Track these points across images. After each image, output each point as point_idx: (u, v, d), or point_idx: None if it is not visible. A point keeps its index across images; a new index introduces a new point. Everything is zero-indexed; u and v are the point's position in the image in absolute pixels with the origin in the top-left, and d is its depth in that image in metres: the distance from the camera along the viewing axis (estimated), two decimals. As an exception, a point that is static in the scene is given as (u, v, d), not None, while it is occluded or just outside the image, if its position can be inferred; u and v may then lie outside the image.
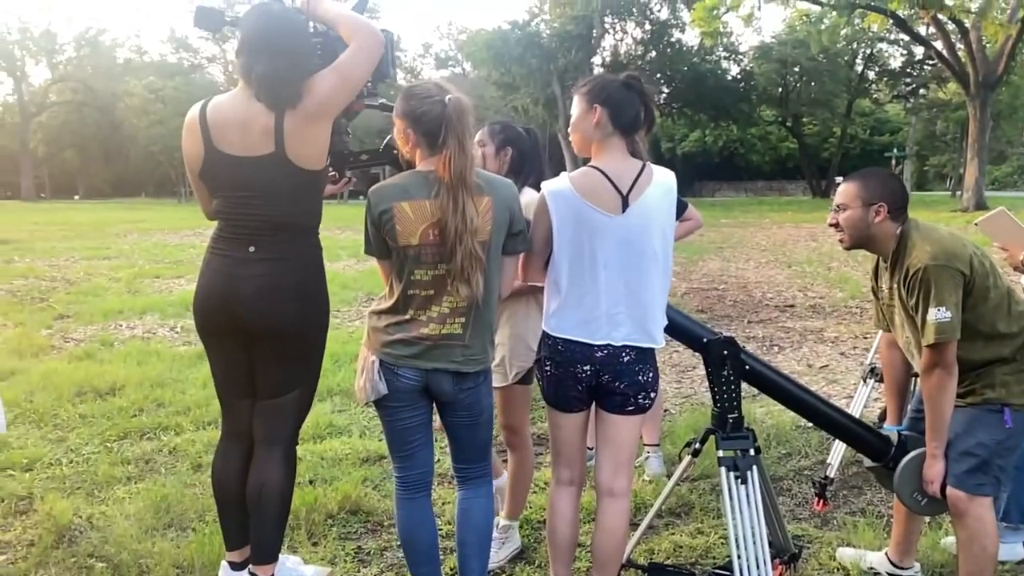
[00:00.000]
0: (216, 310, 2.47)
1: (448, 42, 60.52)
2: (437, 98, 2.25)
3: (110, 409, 4.82)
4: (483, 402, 2.44)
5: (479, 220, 2.24)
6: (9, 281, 10.44)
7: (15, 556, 3.01)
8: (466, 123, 2.25)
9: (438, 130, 2.23)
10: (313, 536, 3.14)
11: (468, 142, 2.24)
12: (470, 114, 2.27)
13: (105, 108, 54.90)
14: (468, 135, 2.25)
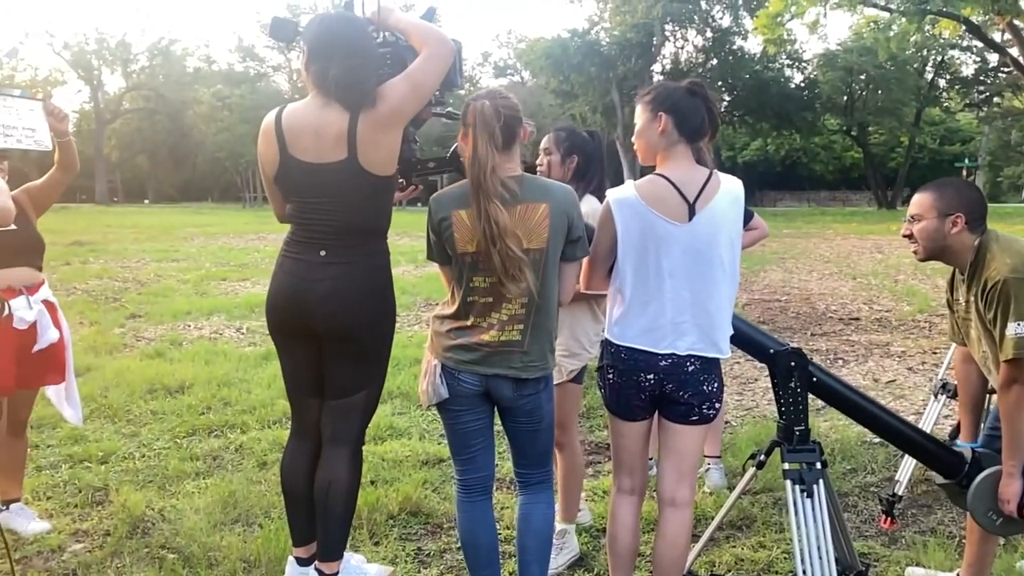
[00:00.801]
0: (287, 312, 2.54)
1: (507, 51, 60.82)
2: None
3: (179, 406, 4.99)
4: (544, 408, 2.45)
5: (533, 226, 2.26)
6: (85, 281, 10.88)
7: (92, 545, 3.14)
8: (486, 128, 2.27)
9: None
10: (375, 536, 3.20)
11: (485, 148, 2.25)
12: (493, 119, 2.28)
13: (175, 115, 56.81)
14: (487, 140, 2.26)
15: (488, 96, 2.33)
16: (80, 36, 57.92)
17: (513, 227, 2.24)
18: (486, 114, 2.28)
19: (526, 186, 2.31)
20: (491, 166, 2.25)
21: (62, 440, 4.31)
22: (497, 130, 2.27)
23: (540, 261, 2.29)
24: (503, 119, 2.29)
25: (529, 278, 2.26)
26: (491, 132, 2.26)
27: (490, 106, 2.29)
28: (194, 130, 55.18)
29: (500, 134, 2.27)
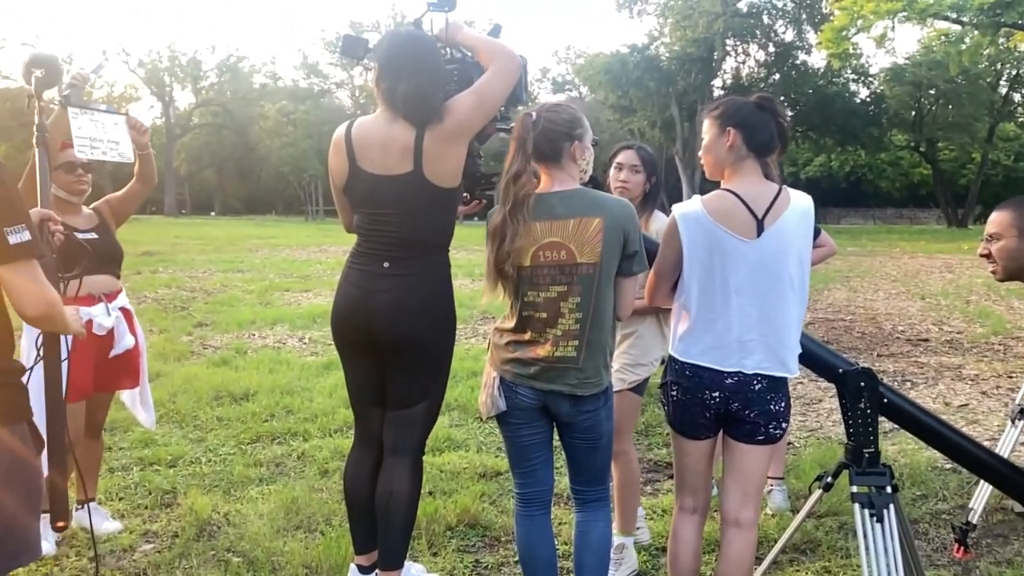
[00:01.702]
0: (351, 322, 2.59)
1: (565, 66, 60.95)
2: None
3: (244, 413, 5.11)
4: (603, 426, 2.44)
5: (587, 240, 2.26)
6: (155, 290, 11.25)
7: (161, 546, 3.23)
8: (517, 136, 2.33)
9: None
10: (433, 546, 3.21)
11: (512, 155, 2.32)
12: (527, 129, 2.32)
13: (241, 130, 58.50)
14: (516, 149, 2.31)
15: (540, 108, 2.35)
16: (154, 54, 60.08)
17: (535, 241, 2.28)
18: (521, 123, 2.33)
19: (579, 200, 2.32)
20: (512, 172, 2.28)
21: (133, 443, 4.46)
22: (529, 139, 2.29)
23: (594, 276, 2.29)
24: (540, 129, 2.31)
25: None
26: (522, 140, 2.30)
27: (530, 116, 2.32)
28: (260, 145, 56.66)
29: (533, 143, 2.29)
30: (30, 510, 1.88)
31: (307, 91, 62.49)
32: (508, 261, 2.30)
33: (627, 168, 3.05)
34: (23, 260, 1.69)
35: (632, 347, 2.97)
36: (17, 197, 1.75)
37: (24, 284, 1.70)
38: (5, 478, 1.79)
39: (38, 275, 1.72)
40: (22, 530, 1.86)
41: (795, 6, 38.34)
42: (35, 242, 1.73)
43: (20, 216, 1.71)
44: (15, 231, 1.68)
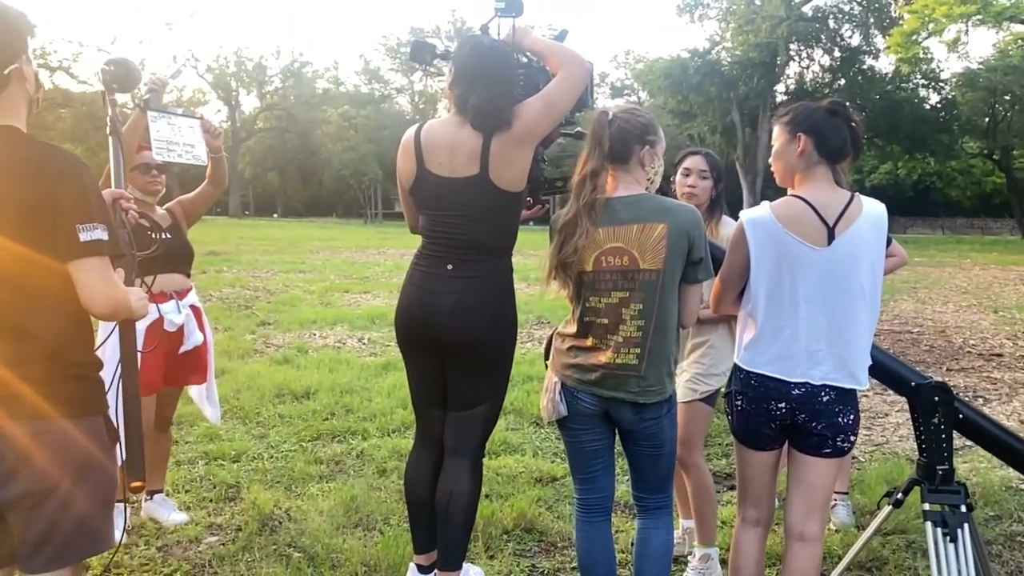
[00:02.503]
0: (415, 323, 2.61)
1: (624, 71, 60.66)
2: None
3: (305, 411, 5.21)
4: (665, 433, 2.41)
5: (650, 246, 2.24)
6: (220, 289, 11.56)
7: (225, 538, 3.31)
8: (593, 133, 2.32)
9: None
10: (490, 549, 3.22)
11: (587, 152, 2.31)
12: (603, 126, 2.30)
13: (304, 134, 59.79)
14: (592, 146, 2.31)
15: (617, 108, 2.35)
16: (221, 59, 61.95)
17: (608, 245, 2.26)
18: (597, 121, 2.32)
19: (644, 205, 2.30)
20: (587, 170, 2.27)
21: (199, 438, 4.58)
22: (604, 136, 2.28)
23: (657, 283, 2.26)
24: (616, 128, 2.29)
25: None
26: (597, 138, 2.29)
27: (606, 114, 2.32)
28: (321, 148, 57.85)
29: (608, 142, 2.28)
30: (103, 502, 1.94)
31: (368, 96, 63.56)
32: (572, 260, 2.29)
33: (695, 173, 3.01)
34: (93, 257, 1.74)
35: (704, 357, 2.93)
36: (95, 197, 1.80)
37: (92, 282, 1.75)
38: (80, 471, 1.86)
39: (107, 274, 1.77)
40: (96, 521, 1.92)
41: (862, 10, 37.43)
42: (110, 243, 1.79)
43: (96, 215, 1.76)
44: (87, 228, 1.73)
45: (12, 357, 1.80)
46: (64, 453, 1.83)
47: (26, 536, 1.87)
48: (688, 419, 2.92)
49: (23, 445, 1.80)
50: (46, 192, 1.73)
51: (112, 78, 2.24)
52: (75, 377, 1.87)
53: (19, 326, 1.80)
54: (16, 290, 1.79)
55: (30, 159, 1.77)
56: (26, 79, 1.86)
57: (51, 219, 1.73)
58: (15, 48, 1.82)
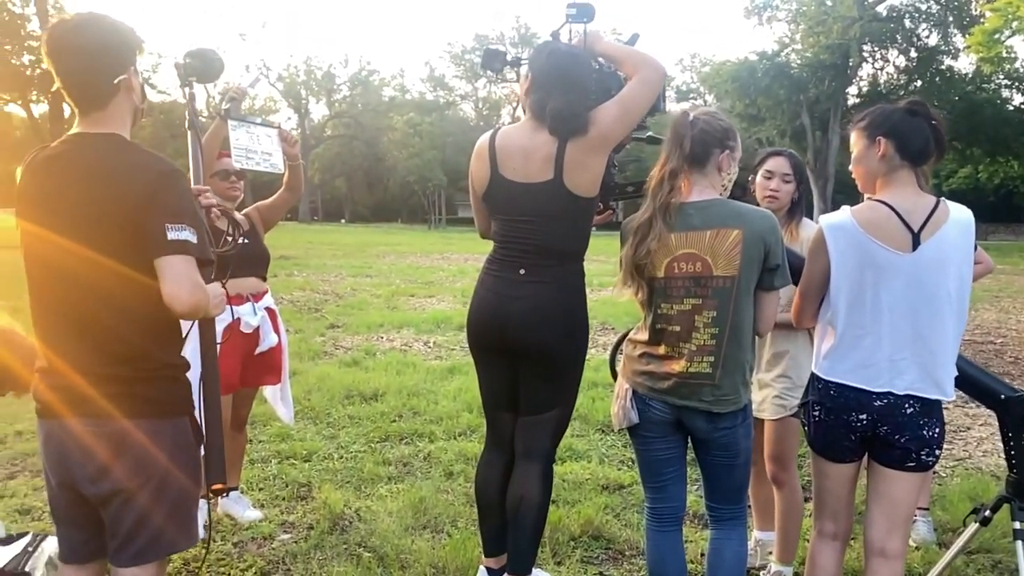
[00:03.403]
0: (485, 327, 2.63)
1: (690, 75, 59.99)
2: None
3: (373, 413, 5.29)
4: (740, 444, 2.36)
5: (724, 252, 2.20)
6: (290, 292, 11.85)
7: (297, 536, 3.39)
8: (675, 135, 2.28)
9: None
10: (557, 555, 3.21)
11: (667, 154, 2.28)
12: (685, 127, 2.27)
13: (371, 141, 60.95)
14: (672, 147, 2.28)
15: (696, 110, 2.32)
16: (292, 68, 63.66)
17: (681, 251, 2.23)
18: (678, 122, 2.29)
19: (718, 210, 2.26)
20: (667, 171, 2.25)
21: (272, 437, 4.70)
22: (686, 137, 2.25)
23: (731, 289, 2.22)
24: (698, 130, 2.26)
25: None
26: (678, 138, 2.26)
27: (687, 115, 2.29)
28: (387, 155, 58.84)
29: (690, 144, 2.25)
30: (189, 500, 2.01)
31: (433, 103, 64.44)
32: (645, 263, 2.27)
33: (778, 177, 2.90)
34: (178, 255, 1.79)
35: (789, 370, 2.84)
36: (188, 202, 1.87)
37: (175, 279, 1.79)
38: (166, 471, 1.92)
39: (191, 273, 1.82)
40: (182, 519, 1.98)
41: (940, 8, 36.09)
42: (198, 246, 1.84)
43: (186, 218, 1.83)
44: (176, 228, 1.80)
45: (102, 359, 1.87)
46: (152, 453, 1.90)
47: (116, 531, 1.94)
48: (779, 436, 2.86)
49: (113, 444, 1.88)
50: (144, 195, 1.80)
51: (190, 71, 2.29)
52: (163, 378, 1.94)
53: (108, 329, 1.88)
54: (105, 294, 1.86)
55: (132, 165, 1.85)
56: (133, 90, 1.94)
57: (144, 220, 1.79)
58: (125, 60, 1.90)
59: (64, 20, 1.89)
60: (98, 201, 1.83)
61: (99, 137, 1.90)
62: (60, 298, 1.90)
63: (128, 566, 1.96)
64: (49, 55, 1.87)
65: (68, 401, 1.90)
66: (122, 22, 1.96)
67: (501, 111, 65.53)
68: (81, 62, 1.86)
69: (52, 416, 1.94)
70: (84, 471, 1.91)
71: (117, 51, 1.89)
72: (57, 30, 1.87)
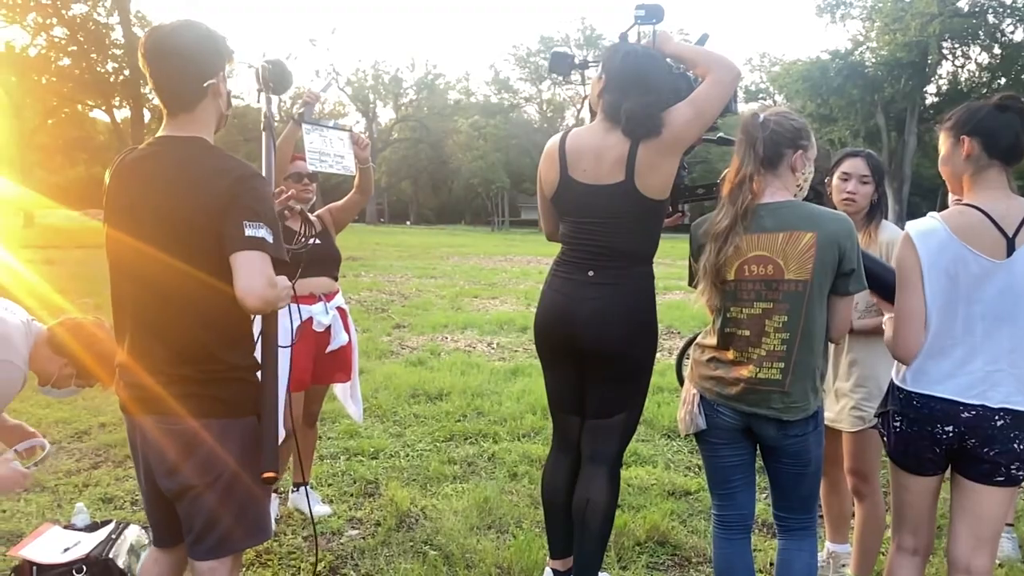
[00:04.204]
0: (553, 329, 2.62)
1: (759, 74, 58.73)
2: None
3: (438, 412, 5.35)
4: (811, 452, 2.30)
5: (797, 255, 2.14)
6: (358, 292, 12.06)
7: (365, 532, 3.44)
8: (746, 136, 2.24)
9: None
10: (622, 560, 3.19)
11: (741, 156, 2.24)
12: (756, 128, 2.23)
13: (436, 144, 61.59)
14: (745, 149, 2.24)
15: (767, 110, 2.28)
16: (360, 73, 64.81)
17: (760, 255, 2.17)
18: (749, 123, 2.25)
19: (791, 212, 2.21)
20: (743, 174, 2.20)
21: (340, 434, 4.79)
22: (758, 139, 2.20)
23: (803, 294, 2.16)
24: (769, 132, 2.21)
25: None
26: (750, 140, 2.22)
27: (760, 117, 2.24)
28: (452, 158, 59.38)
29: (762, 146, 2.21)
30: (259, 497, 2.05)
31: (497, 106, 64.73)
32: (723, 268, 2.23)
33: (855, 179, 2.81)
34: (254, 251, 1.84)
35: (866, 380, 2.74)
36: (265, 203, 1.91)
37: (249, 274, 1.83)
38: (236, 469, 1.97)
39: (265, 270, 1.85)
40: (253, 515, 2.04)
41: (1027, 2, 34.53)
42: (274, 245, 1.88)
43: (263, 217, 1.87)
44: (253, 226, 1.85)
45: (173, 359, 1.93)
46: (220, 452, 1.95)
47: (190, 525, 2.01)
48: (860, 449, 2.78)
49: (183, 443, 1.94)
50: (225, 198, 1.86)
51: (270, 76, 2.35)
52: (233, 380, 1.99)
53: (181, 331, 1.93)
54: (180, 297, 1.92)
55: (214, 170, 1.91)
56: (220, 95, 2.01)
57: (224, 221, 1.85)
58: (215, 65, 1.97)
59: (162, 25, 1.97)
60: (180, 205, 1.89)
61: (184, 140, 1.96)
62: (136, 299, 1.97)
63: (203, 559, 2.02)
64: (145, 57, 1.95)
65: (141, 399, 1.97)
66: (215, 30, 2.03)
67: (565, 113, 65.49)
68: (174, 65, 1.94)
69: (128, 412, 2.03)
70: (159, 466, 1.98)
71: (208, 56, 1.96)
72: (155, 34, 1.95)
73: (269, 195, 1.97)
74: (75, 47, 31.27)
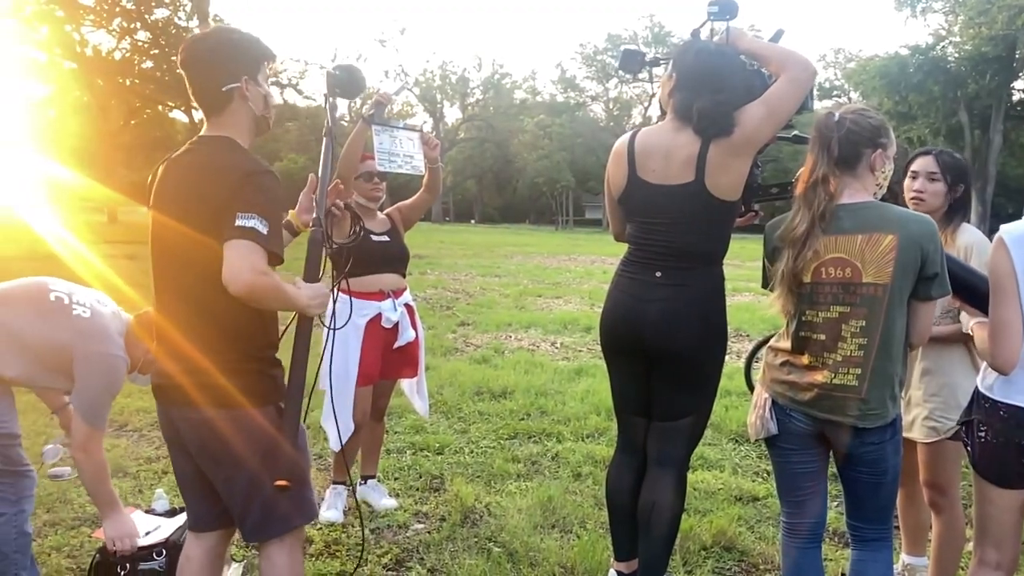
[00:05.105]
0: (622, 330, 2.60)
1: (833, 71, 57.16)
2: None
3: (502, 410, 5.37)
4: (888, 460, 2.23)
5: (877, 258, 2.07)
6: (423, 290, 12.22)
7: (430, 527, 3.49)
8: (820, 137, 2.18)
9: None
10: (688, 564, 3.15)
11: (815, 158, 2.18)
12: (831, 129, 2.16)
13: (501, 143, 61.91)
14: (819, 151, 2.18)
15: (842, 108, 2.21)
16: (428, 73, 65.59)
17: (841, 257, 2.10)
18: (823, 123, 2.19)
19: (871, 214, 2.14)
20: (817, 176, 2.14)
21: (406, 429, 4.86)
22: (833, 140, 2.14)
23: (883, 298, 2.09)
24: (845, 131, 2.15)
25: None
26: (825, 141, 2.16)
27: (835, 116, 2.17)
28: (517, 157, 59.60)
29: (837, 146, 2.14)
30: (294, 480, 2.04)
31: (563, 105, 64.65)
32: (802, 273, 2.18)
33: (923, 176, 2.71)
34: (242, 240, 1.84)
35: (942, 388, 2.64)
36: (264, 196, 1.91)
37: (233, 260, 1.84)
38: (264, 456, 2.01)
39: (253, 258, 1.84)
40: (286, 502, 2.05)
41: None
42: (267, 237, 1.87)
43: (257, 209, 1.87)
44: (245, 216, 1.86)
45: (192, 351, 1.98)
46: (239, 440, 1.99)
47: (232, 510, 2.09)
48: (935, 460, 2.67)
49: (206, 430, 2.00)
50: (228, 190, 1.90)
51: (336, 82, 2.36)
52: (247, 371, 2.01)
53: (194, 326, 1.99)
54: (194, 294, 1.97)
55: (227, 164, 1.96)
56: (248, 99, 2.04)
57: (225, 214, 1.88)
58: (236, 70, 2.02)
59: (194, 35, 2.06)
60: (192, 200, 1.95)
61: (212, 139, 2.04)
62: (160, 295, 2.07)
63: (251, 540, 2.10)
64: (181, 65, 2.04)
65: (167, 387, 2.06)
66: (240, 33, 2.09)
67: (632, 111, 64.96)
68: (198, 72, 2.02)
69: (156, 398, 2.13)
70: (196, 450, 2.06)
71: (228, 62, 2.01)
72: (186, 44, 2.05)
73: (273, 191, 1.96)
74: (157, 50, 32.47)
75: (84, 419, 2.46)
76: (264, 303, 1.93)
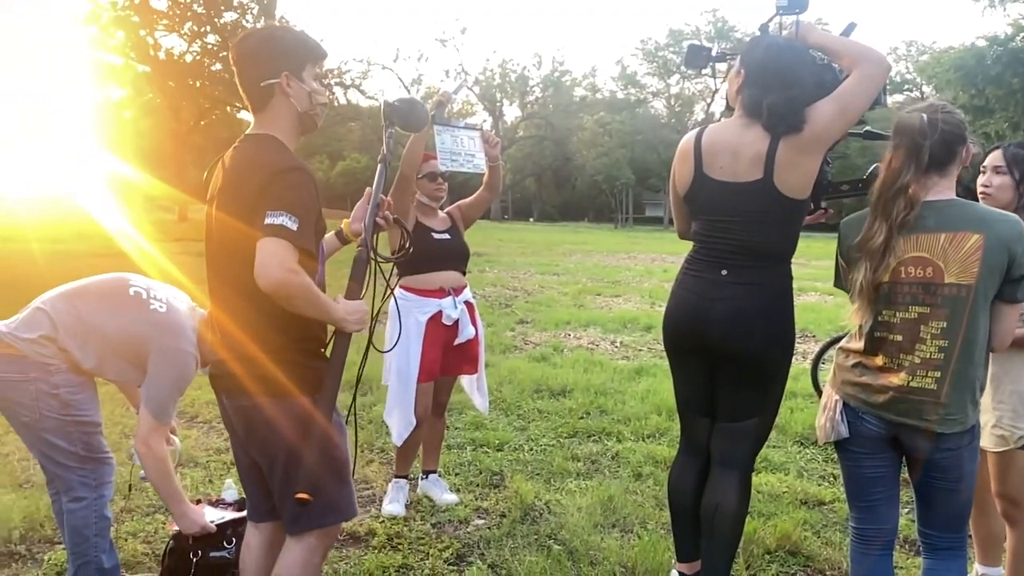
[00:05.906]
0: (686, 328, 2.57)
1: (905, 64, 55.35)
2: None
3: (561, 408, 5.37)
4: (964, 467, 2.15)
5: (961, 258, 2.00)
6: (482, 288, 12.30)
7: (491, 523, 3.51)
8: (910, 142, 2.10)
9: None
10: (751, 567, 3.09)
11: (901, 163, 2.11)
12: (922, 133, 2.08)
13: (560, 141, 61.81)
14: (906, 155, 2.10)
15: (927, 109, 2.13)
16: (488, 72, 65.87)
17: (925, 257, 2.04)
18: (914, 126, 2.10)
19: (956, 212, 2.07)
20: (900, 184, 2.06)
21: (467, 425, 4.90)
22: (925, 146, 2.07)
23: (966, 299, 2.02)
24: (939, 134, 2.07)
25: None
26: (916, 147, 2.08)
27: (925, 119, 2.10)
28: (576, 155, 59.40)
29: (929, 151, 2.07)
30: (331, 477, 2.07)
31: (624, 101, 64.16)
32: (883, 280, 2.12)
33: (990, 170, 2.62)
34: (271, 238, 1.85)
35: (1010, 395, 2.53)
36: (294, 194, 1.92)
37: (262, 258, 1.85)
38: (294, 449, 2.02)
39: (282, 255, 1.84)
40: (325, 495, 2.04)
41: None
42: (297, 234, 1.87)
43: (287, 207, 1.88)
44: (275, 214, 1.87)
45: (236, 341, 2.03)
46: (273, 430, 2.03)
47: (275, 499, 2.15)
48: (1006, 471, 2.56)
49: (246, 419, 2.06)
50: (258, 187, 1.93)
51: (393, 112, 2.33)
52: (285, 362, 2.02)
53: (240, 316, 2.04)
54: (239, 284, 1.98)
55: (261, 162, 1.99)
56: (290, 95, 2.05)
57: (256, 210, 1.91)
58: (275, 67, 2.03)
59: (242, 33, 2.11)
60: (234, 195, 2.00)
61: (254, 137, 2.09)
62: (212, 286, 2.13)
63: (290, 532, 2.13)
64: (231, 63, 2.09)
65: (218, 375, 2.13)
66: (283, 29, 2.13)
67: (694, 107, 64.03)
68: (240, 69, 2.06)
69: (214, 388, 2.18)
70: (244, 437, 2.13)
71: (266, 58, 2.03)
72: (235, 41, 2.09)
73: (304, 187, 1.96)
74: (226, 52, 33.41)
75: (150, 412, 2.54)
76: (294, 302, 1.90)
